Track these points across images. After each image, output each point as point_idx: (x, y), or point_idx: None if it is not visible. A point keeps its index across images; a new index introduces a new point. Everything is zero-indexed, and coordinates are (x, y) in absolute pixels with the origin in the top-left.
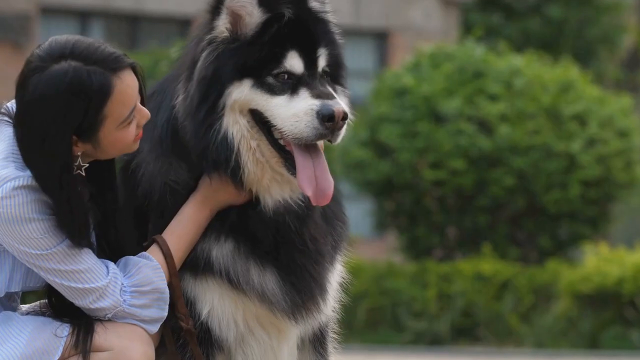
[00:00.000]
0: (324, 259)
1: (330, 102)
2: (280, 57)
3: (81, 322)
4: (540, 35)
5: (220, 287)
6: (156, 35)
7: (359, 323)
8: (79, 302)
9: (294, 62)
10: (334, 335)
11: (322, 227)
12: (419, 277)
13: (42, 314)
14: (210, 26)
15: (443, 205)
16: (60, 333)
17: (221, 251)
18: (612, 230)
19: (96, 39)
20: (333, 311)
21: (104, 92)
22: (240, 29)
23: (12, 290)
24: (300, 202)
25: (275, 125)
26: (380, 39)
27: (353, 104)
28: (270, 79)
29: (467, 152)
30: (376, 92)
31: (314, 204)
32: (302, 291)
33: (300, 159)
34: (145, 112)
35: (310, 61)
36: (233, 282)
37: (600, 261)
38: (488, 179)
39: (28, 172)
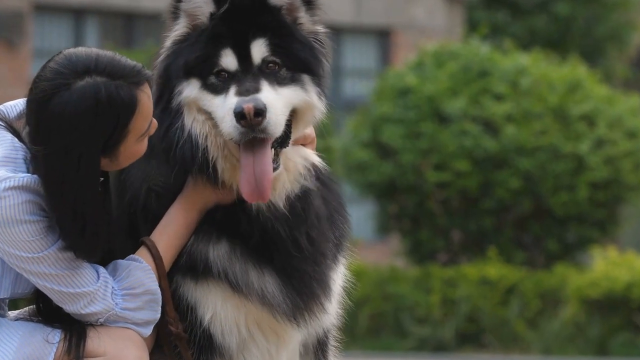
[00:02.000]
0: (325, 258)
1: (245, 98)
2: (215, 55)
3: (73, 327)
4: (547, 33)
5: (222, 291)
6: (152, 33)
7: (361, 329)
8: (70, 307)
9: (228, 59)
10: (335, 343)
11: (320, 226)
12: (423, 282)
13: (31, 319)
14: (171, 30)
15: (447, 207)
16: (52, 339)
17: (217, 253)
18: (621, 233)
19: (111, 52)
20: (336, 317)
21: (132, 107)
22: (198, 29)
23: (1, 297)
24: (292, 202)
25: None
26: (383, 37)
27: (355, 103)
28: (212, 79)
29: (471, 153)
30: (378, 91)
31: (249, 202)
32: (303, 293)
33: (243, 157)
34: (155, 122)
35: (244, 56)
36: (233, 285)
37: (608, 265)
38: (493, 181)
39: (20, 174)
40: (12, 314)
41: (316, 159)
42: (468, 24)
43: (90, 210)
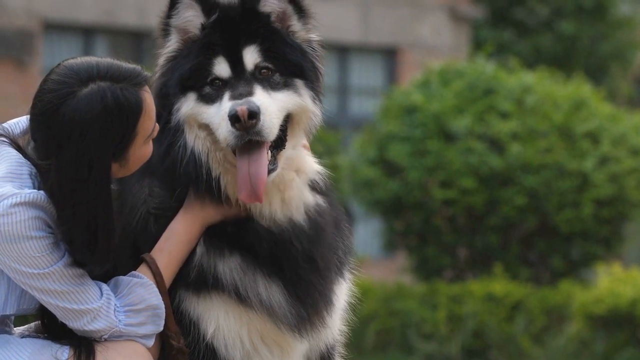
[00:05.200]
0: (330, 272)
1: (239, 102)
2: (208, 64)
3: (81, 343)
4: (552, 52)
5: (225, 303)
6: None
7: (368, 345)
8: (74, 323)
9: (221, 67)
10: (340, 359)
11: (330, 238)
12: (429, 298)
13: (38, 336)
14: (163, 47)
15: (453, 224)
16: (61, 356)
17: (228, 265)
18: (625, 250)
19: (108, 58)
20: (340, 333)
21: (138, 109)
22: (190, 42)
23: (7, 313)
24: (312, 217)
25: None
26: (389, 55)
27: (361, 121)
28: (207, 89)
29: (477, 171)
30: (385, 109)
31: (245, 202)
32: (308, 305)
33: (239, 160)
34: (157, 125)
35: (236, 63)
36: (241, 297)
37: (613, 282)
38: (499, 198)
39: (26, 190)
40: (18, 330)
41: (318, 167)
42: (474, 42)
43: (103, 218)
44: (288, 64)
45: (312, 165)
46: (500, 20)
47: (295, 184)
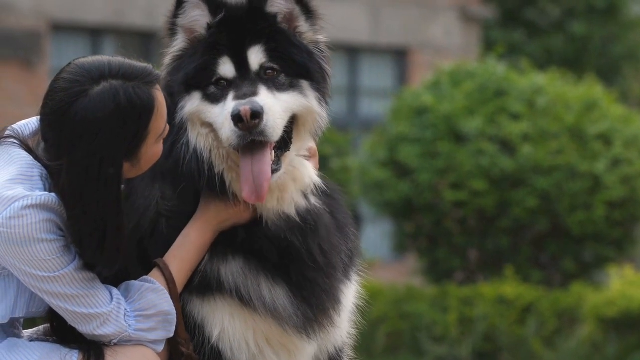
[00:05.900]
0: (335, 271)
1: (242, 102)
2: (213, 64)
3: (90, 347)
4: (563, 53)
5: (230, 306)
6: None
7: (378, 348)
8: (83, 327)
9: (226, 67)
10: None
11: (331, 238)
12: (440, 301)
13: (47, 339)
14: (169, 47)
15: (464, 226)
16: None
17: (230, 269)
18: (637, 252)
19: (119, 56)
20: (348, 336)
21: (150, 107)
22: (196, 42)
23: (16, 316)
24: (303, 215)
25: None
26: (400, 56)
27: (371, 123)
28: (212, 88)
29: (488, 173)
30: (395, 111)
31: (248, 202)
32: (314, 305)
33: (242, 159)
34: (167, 126)
35: (241, 63)
36: (244, 300)
37: (625, 284)
38: (510, 200)
39: (37, 192)
40: (27, 333)
41: (317, 179)
42: (484, 43)
43: (112, 218)
44: (294, 65)
45: (312, 177)
46: (511, 21)
47: (290, 188)
